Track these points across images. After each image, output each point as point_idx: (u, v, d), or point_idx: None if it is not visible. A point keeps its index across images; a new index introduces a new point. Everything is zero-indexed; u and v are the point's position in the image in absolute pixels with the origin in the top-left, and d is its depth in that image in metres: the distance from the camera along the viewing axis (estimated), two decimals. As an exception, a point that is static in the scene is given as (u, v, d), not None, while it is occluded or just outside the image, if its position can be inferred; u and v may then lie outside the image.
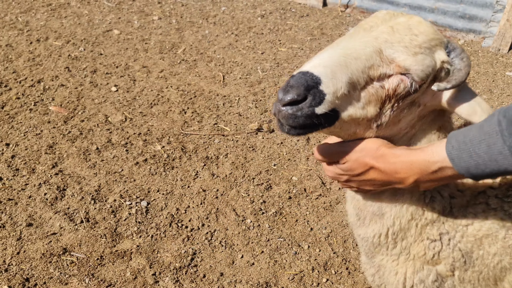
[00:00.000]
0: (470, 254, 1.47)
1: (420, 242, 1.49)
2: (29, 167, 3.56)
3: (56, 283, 2.70)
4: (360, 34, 1.23)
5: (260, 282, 2.80)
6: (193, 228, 3.13)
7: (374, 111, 1.23)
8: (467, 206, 1.46)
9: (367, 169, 1.28)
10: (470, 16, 5.75)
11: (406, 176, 1.21)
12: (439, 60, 1.20)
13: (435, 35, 1.21)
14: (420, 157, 1.17)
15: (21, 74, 4.84)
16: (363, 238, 1.61)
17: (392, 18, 1.25)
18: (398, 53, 1.18)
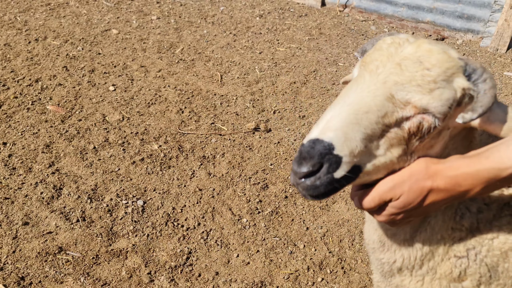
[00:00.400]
0: (496, 268, 1.45)
1: (447, 261, 1.46)
2: (26, 166, 3.56)
3: (51, 282, 2.71)
4: (367, 80, 1.14)
5: (255, 281, 2.80)
6: (189, 227, 3.13)
7: (399, 151, 1.16)
8: (493, 220, 1.44)
9: (426, 194, 1.16)
10: (468, 16, 5.75)
11: (471, 188, 1.11)
12: (460, 88, 1.11)
13: (449, 63, 1.10)
14: (487, 165, 1.08)
15: (19, 74, 4.84)
16: (385, 262, 1.57)
17: (398, 50, 1.15)
18: (411, 94, 1.09)
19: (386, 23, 6.35)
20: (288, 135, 4.15)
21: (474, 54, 5.63)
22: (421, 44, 1.14)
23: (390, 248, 1.51)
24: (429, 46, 1.13)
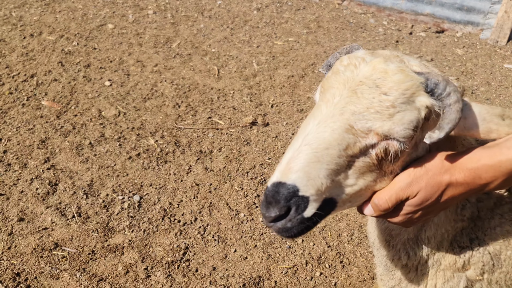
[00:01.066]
0: (499, 255, 1.45)
1: (451, 251, 1.46)
2: (21, 162, 3.52)
3: (47, 278, 2.68)
4: (323, 112, 1.10)
5: (253, 276, 2.77)
6: (185, 223, 3.10)
7: (373, 176, 1.13)
8: (494, 208, 1.43)
9: (444, 189, 1.13)
10: (468, 8, 5.70)
11: (493, 180, 1.09)
12: (423, 107, 1.06)
13: (407, 83, 1.05)
14: (509, 155, 1.05)
15: (14, 69, 4.79)
16: (390, 258, 1.56)
17: (354, 73, 1.11)
18: (371, 122, 1.06)
19: (385, 16, 6.30)
20: (286, 129, 4.11)
21: (474, 46, 5.59)
22: (377, 65, 1.09)
23: (395, 246, 1.50)
24: (384, 67, 1.08)
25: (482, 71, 5.07)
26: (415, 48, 5.52)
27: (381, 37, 5.78)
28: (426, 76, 1.06)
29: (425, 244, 1.42)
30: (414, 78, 1.06)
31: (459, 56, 5.36)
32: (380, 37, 5.79)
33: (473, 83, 4.82)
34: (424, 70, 1.12)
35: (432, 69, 1.15)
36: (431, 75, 1.06)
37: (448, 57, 5.33)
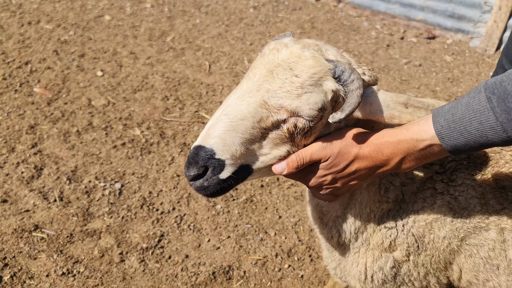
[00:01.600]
0: (422, 238, 1.56)
1: (378, 232, 1.57)
2: (9, 146, 3.63)
3: (25, 257, 2.79)
4: (244, 88, 1.24)
5: (223, 265, 2.88)
6: (163, 211, 3.21)
7: (287, 147, 1.26)
8: (417, 192, 1.55)
9: (352, 159, 1.25)
10: (459, 15, 5.78)
11: (392, 156, 1.21)
12: (329, 90, 1.18)
13: (316, 68, 1.18)
14: (407, 135, 1.17)
15: (10, 56, 4.90)
16: (326, 237, 1.69)
17: (275, 56, 1.23)
18: (282, 100, 1.18)
19: (378, 20, 6.39)
20: (270, 126, 4.21)
21: (463, 54, 5.68)
22: (294, 50, 1.22)
23: (327, 224, 1.62)
24: (299, 52, 1.21)
25: (468, 79, 5.16)
26: (405, 53, 5.61)
27: (373, 41, 5.87)
28: (335, 63, 1.19)
29: (352, 223, 1.55)
30: (324, 64, 1.18)
31: (447, 62, 5.45)
32: (372, 40, 5.89)
33: (458, 90, 4.92)
34: (340, 59, 1.24)
35: (349, 59, 1.27)
36: (339, 63, 1.19)
37: (436, 63, 5.42)
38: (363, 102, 1.24)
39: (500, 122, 0.99)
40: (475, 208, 1.51)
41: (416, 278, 1.63)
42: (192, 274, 2.81)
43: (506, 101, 0.98)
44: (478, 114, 1.03)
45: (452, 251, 1.56)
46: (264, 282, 2.82)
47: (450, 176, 1.54)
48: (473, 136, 1.05)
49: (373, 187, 1.48)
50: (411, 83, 4.99)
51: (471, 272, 1.59)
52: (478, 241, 1.53)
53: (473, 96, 1.05)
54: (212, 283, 2.78)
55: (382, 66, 5.29)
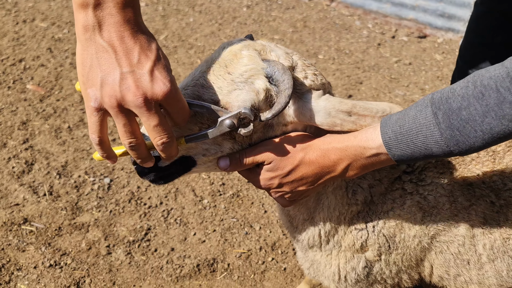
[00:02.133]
0: (393, 238, 1.59)
1: (349, 234, 1.59)
2: (1, 142, 3.70)
3: (13, 249, 2.85)
4: (185, 81, 1.25)
5: (207, 258, 2.94)
6: (151, 206, 3.28)
7: (229, 144, 1.26)
8: (385, 193, 1.56)
9: (297, 165, 1.25)
10: (449, 15, 5.85)
11: (339, 162, 1.21)
12: (261, 89, 1.18)
13: (248, 66, 1.18)
14: (354, 142, 1.18)
15: (4, 53, 4.97)
16: (297, 240, 1.71)
17: (219, 53, 1.25)
18: (214, 96, 1.18)
19: (370, 19, 6.46)
20: (259, 123, 4.27)
21: (453, 52, 5.74)
22: (233, 49, 1.22)
23: (297, 227, 1.65)
24: (237, 51, 1.21)
25: (457, 77, 5.22)
26: (396, 52, 5.67)
27: (364, 39, 5.93)
28: (269, 63, 1.19)
29: (321, 226, 1.57)
30: (257, 63, 1.18)
31: (437, 61, 5.52)
32: (363, 39, 5.95)
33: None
34: (283, 60, 1.24)
35: (296, 61, 1.27)
36: (273, 63, 1.18)
37: (426, 62, 5.48)
38: (303, 107, 1.23)
39: (444, 137, 1.04)
40: (444, 206, 1.55)
41: (388, 276, 1.67)
42: (177, 266, 2.88)
43: (451, 118, 1.02)
44: (424, 128, 1.06)
45: (422, 249, 1.60)
46: (247, 275, 2.88)
47: (419, 175, 1.57)
48: (419, 148, 1.09)
49: (340, 190, 1.50)
50: (401, 81, 5.05)
51: (442, 267, 1.64)
52: (448, 237, 1.57)
53: (420, 109, 1.08)
54: (196, 275, 2.84)
55: (372, 65, 5.35)
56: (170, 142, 1.04)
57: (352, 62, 5.41)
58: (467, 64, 2.40)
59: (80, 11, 0.92)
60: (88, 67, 0.95)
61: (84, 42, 0.94)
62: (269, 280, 2.85)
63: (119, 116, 0.97)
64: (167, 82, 0.97)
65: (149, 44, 0.99)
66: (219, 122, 1.15)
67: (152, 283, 2.77)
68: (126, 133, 1.00)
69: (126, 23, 0.95)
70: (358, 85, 4.94)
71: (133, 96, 0.94)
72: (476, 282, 1.60)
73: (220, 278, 2.84)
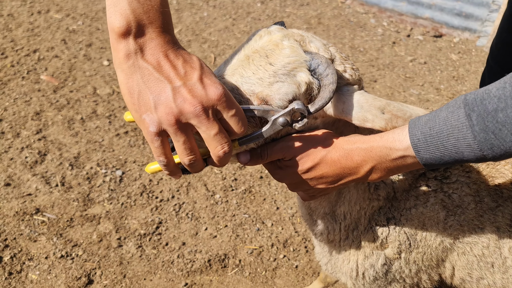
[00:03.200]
0: (415, 236, 1.55)
1: (369, 229, 1.56)
2: (15, 131, 3.70)
3: (25, 239, 2.85)
4: (221, 69, 1.22)
5: (219, 254, 2.92)
6: (162, 199, 3.26)
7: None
8: (409, 189, 1.53)
9: (317, 162, 1.21)
10: (467, 14, 5.76)
11: (363, 164, 1.16)
12: (303, 82, 1.14)
13: (291, 58, 1.14)
14: (380, 143, 1.13)
15: (19, 43, 4.98)
16: (316, 233, 1.68)
17: (257, 42, 1.20)
18: (254, 86, 1.14)
19: (385, 17, 6.38)
20: (272, 119, 4.23)
21: (469, 52, 5.66)
22: (273, 38, 1.17)
23: (317, 220, 1.62)
24: (278, 41, 1.16)
25: (473, 77, 5.15)
26: (411, 51, 5.60)
27: (379, 38, 5.87)
28: (312, 56, 1.15)
29: (342, 220, 1.54)
30: (300, 55, 1.14)
31: (453, 61, 5.44)
32: (378, 37, 5.88)
33: (462, 88, 4.91)
34: (323, 53, 1.19)
35: (334, 54, 1.22)
36: (317, 56, 1.15)
37: (442, 61, 5.41)
38: (337, 99, 1.20)
39: (477, 141, 0.99)
40: (469, 205, 1.51)
41: (407, 275, 1.64)
42: (188, 261, 2.86)
43: (486, 120, 0.97)
44: (456, 130, 1.01)
45: (444, 249, 1.57)
46: (259, 271, 2.86)
47: (444, 173, 1.53)
48: (449, 152, 1.04)
49: (362, 184, 1.47)
50: (415, 81, 4.99)
51: (464, 269, 1.60)
52: (472, 239, 1.54)
53: (452, 111, 1.03)
54: (207, 271, 2.82)
55: (387, 63, 5.29)
56: (230, 151, 1.03)
57: (367, 60, 5.35)
58: (499, 64, 2.34)
59: (120, 41, 0.94)
60: (137, 94, 0.95)
61: (128, 70, 0.95)
62: (280, 278, 2.83)
63: (178, 133, 0.97)
64: (218, 85, 0.97)
65: (191, 56, 1.01)
66: (272, 121, 1.12)
67: (163, 277, 2.75)
68: (186, 150, 1.01)
69: (166, 44, 0.97)
70: (372, 83, 4.88)
71: (191, 106, 0.94)
72: (500, 286, 1.56)
73: (231, 274, 2.82)
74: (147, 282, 2.72)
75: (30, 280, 2.65)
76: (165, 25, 0.97)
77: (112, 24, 0.93)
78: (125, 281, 2.71)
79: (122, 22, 0.92)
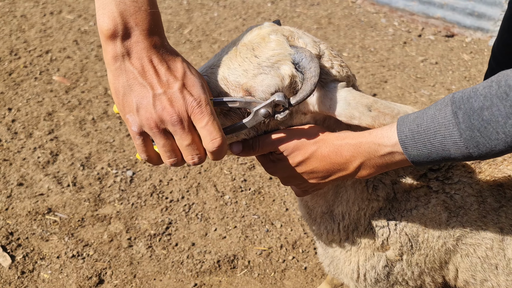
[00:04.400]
0: (416, 237, 1.54)
1: (369, 230, 1.55)
2: (27, 132, 3.75)
3: (37, 239, 2.89)
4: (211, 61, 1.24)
5: (228, 254, 2.94)
6: (172, 200, 3.28)
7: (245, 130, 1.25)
8: (410, 190, 1.52)
9: (308, 157, 1.22)
10: (479, 13, 5.70)
11: (351, 160, 1.17)
12: (287, 75, 1.15)
13: (275, 50, 1.16)
14: (369, 139, 1.14)
15: (31, 44, 5.04)
16: (316, 233, 1.68)
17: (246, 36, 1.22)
18: (240, 78, 1.17)
19: (397, 17, 6.34)
20: (282, 120, 4.24)
21: (481, 52, 5.60)
22: (261, 33, 1.20)
23: (315, 220, 1.62)
24: (265, 35, 1.18)
25: (486, 78, 5.09)
26: (422, 51, 5.56)
27: (390, 37, 5.83)
28: (296, 50, 1.16)
29: (340, 220, 1.54)
30: (285, 48, 1.16)
31: (464, 61, 5.39)
32: (389, 37, 5.85)
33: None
34: (310, 48, 1.21)
35: (323, 50, 1.23)
36: (301, 50, 1.16)
37: (453, 62, 5.36)
38: (324, 96, 1.20)
39: (463, 138, 0.99)
40: (472, 206, 1.49)
41: (410, 277, 1.62)
42: (198, 261, 2.88)
43: (472, 118, 0.98)
44: (443, 128, 1.02)
45: (447, 251, 1.55)
46: (268, 272, 2.87)
47: (446, 173, 1.52)
48: (436, 149, 1.05)
49: (360, 185, 1.46)
50: (426, 81, 4.96)
51: (468, 271, 1.59)
52: (475, 240, 1.52)
53: (439, 108, 1.04)
54: (216, 271, 2.84)
55: (397, 63, 5.26)
56: (201, 161, 1.09)
57: (377, 60, 5.32)
58: (500, 65, 2.32)
59: (108, 43, 0.97)
60: (122, 95, 1.00)
61: (115, 71, 0.99)
62: (289, 279, 2.83)
63: (157, 136, 1.03)
64: (197, 96, 1.02)
65: (175, 62, 1.03)
66: (254, 112, 1.15)
67: (172, 278, 2.77)
68: (166, 152, 1.06)
69: (153, 48, 0.99)
70: (382, 83, 4.86)
71: (168, 115, 0.99)
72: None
73: (240, 275, 2.83)
74: (157, 282, 2.74)
75: (42, 279, 2.68)
76: (153, 27, 0.99)
77: (100, 26, 0.97)
78: (135, 281, 2.73)
79: (109, 25, 0.95)
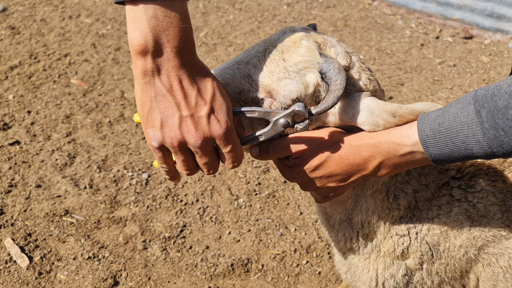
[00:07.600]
0: (437, 246, 1.52)
1: (389, 239, 1.53)
2: (46, 134, 3.82)
3: (54, 240, 2.94)
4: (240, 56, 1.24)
5: (242, 258, 2.94)
6: (187, 203, 3.30)
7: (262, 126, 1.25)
8: (432, 199, 1.49)
9: (325, 159, 1.20)
10: (499, 15, 5.60)
11: (370, 159, 1.16)
12: (311, 83, 1.14)
13: (304, 57, 1.14)
14: (388, 138, 1.13)
15: (51, 48, 5.12)
16: (334, 240, 1.67)
17: (278, 37, 1.21)
18: (264, 79, 1.16)
19: (414, 19, 6.28)
20: (297, 123, 4.23)
21: (500, 54, 5.51)
22: (293, 36, 1.18)
23: (334, 226, 1.61)
24: (297, 40, 1.16)
25: (505, 81, 5.00)
26: (439, 53, 5.49)
27: (407, 40, 5.78)
28: (325, 59, 1.15)
29: (359, 228, 1.52)
30: (314, 56, 1.14)
31: (483, 63, 5.31)
32: (406, 39, 5.79)
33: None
34: (341, 59, 1.19)
35: (354, 62, 1.22)
36: (330, 61, 1.14)
37: (472, 64, 5.28)
38: (347, 104, 1.19)
39: (487, 138, 0.97)
40: (495, 215, 1.46)
41: (429, 286, 1.60)
42: (212, 264, 2.89)
43: (496, 117, 0.95)
44: (465, 127, 1.00)
45: (468, 260, 1.53)
46: (281, 277, 2.86)
47: (468, 182, 1.49)
48: (458, 148, 1.03)
49: (380, 194, 1.44)
50: (444, 84, 4.89)
51: (489, 281, 1.56)
52: (498, 250, 1.49)
53: (461, 107, 1.02)
54: (230, 275, 2.84)
55: (414, 66, 5.20)
56: (216, 172, 1.17)
57: (394, 62, 5.27)
58: None
59: (139, 57, 0.98)
60: (148, 109, 1.02)
61: (143, 86, 1.01)
62: (303, 283, 2.82)
63: (178, 153, 1.08)
64: (223, 123, 1.05)
65: (205, 84, 1.04)
66: (273, 122, 1.14)
67: (186, 280, 2.79)
68: (184, 166, 1.12)
69: (183, 67, 1.00)
70: (399, 86, 4.81)
71: (192, 138, 1.03)
72: (526, 299, 1.52)
73: (254, 279, 2.83)
74: (171, 285, 2.76)
75: (58, 280, 2.73)
76: (184, 43, 0.98)
77: (131, 41, 0.97)
78: (149, 283, 2.76)
79: (140, 41, 0.95)
